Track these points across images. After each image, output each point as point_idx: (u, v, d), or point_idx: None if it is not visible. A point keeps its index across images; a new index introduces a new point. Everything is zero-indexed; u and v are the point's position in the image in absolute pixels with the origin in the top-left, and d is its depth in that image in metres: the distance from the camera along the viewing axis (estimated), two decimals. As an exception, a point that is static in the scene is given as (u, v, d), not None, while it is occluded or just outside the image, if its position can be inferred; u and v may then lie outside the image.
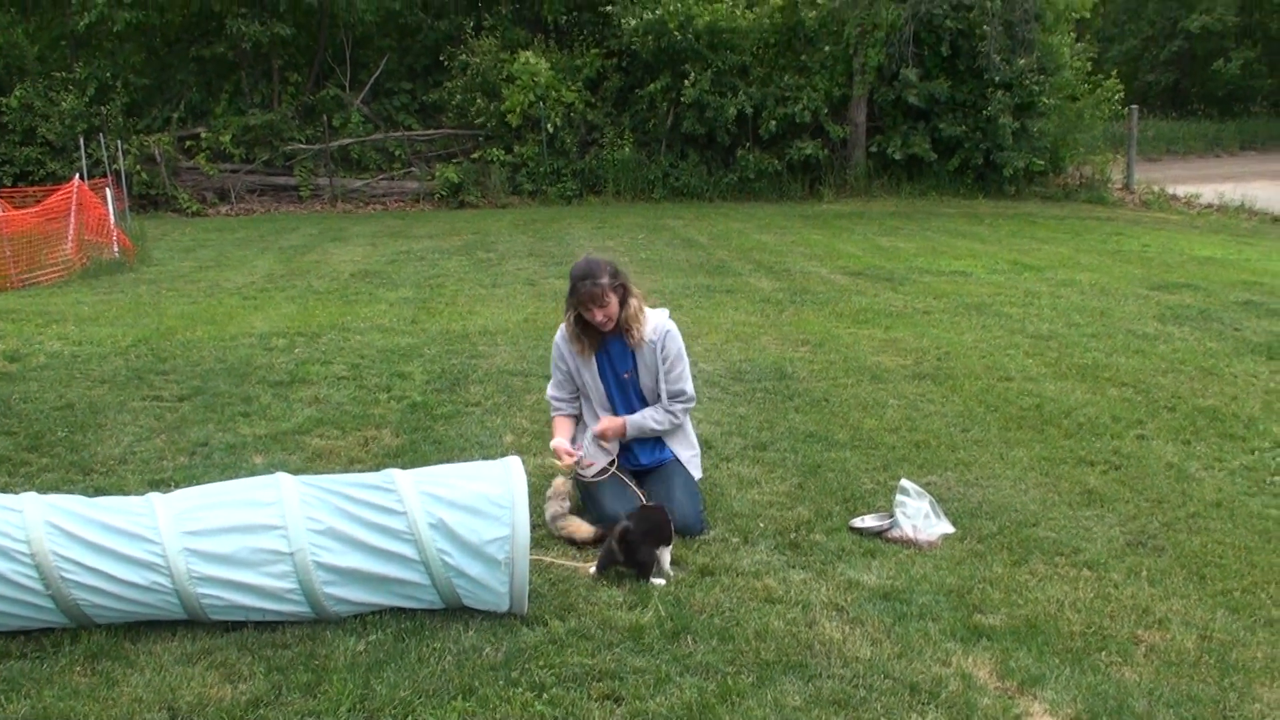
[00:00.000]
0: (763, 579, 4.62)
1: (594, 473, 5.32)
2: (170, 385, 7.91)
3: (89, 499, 4.34)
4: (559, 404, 5.56)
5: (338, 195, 23.46)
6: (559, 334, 5.48)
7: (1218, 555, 4.92)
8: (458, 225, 19.35)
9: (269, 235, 18.53)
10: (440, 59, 24.38)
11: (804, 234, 17.22)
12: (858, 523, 5.21)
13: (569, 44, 24.22)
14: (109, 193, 16.10)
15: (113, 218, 15.66)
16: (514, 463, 4.39)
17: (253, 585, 4.06)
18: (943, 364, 8.42)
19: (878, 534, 5.11)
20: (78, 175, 16.42)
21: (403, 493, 4.20)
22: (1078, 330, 9.63)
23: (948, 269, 13.37)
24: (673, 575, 4.64)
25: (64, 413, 7.19)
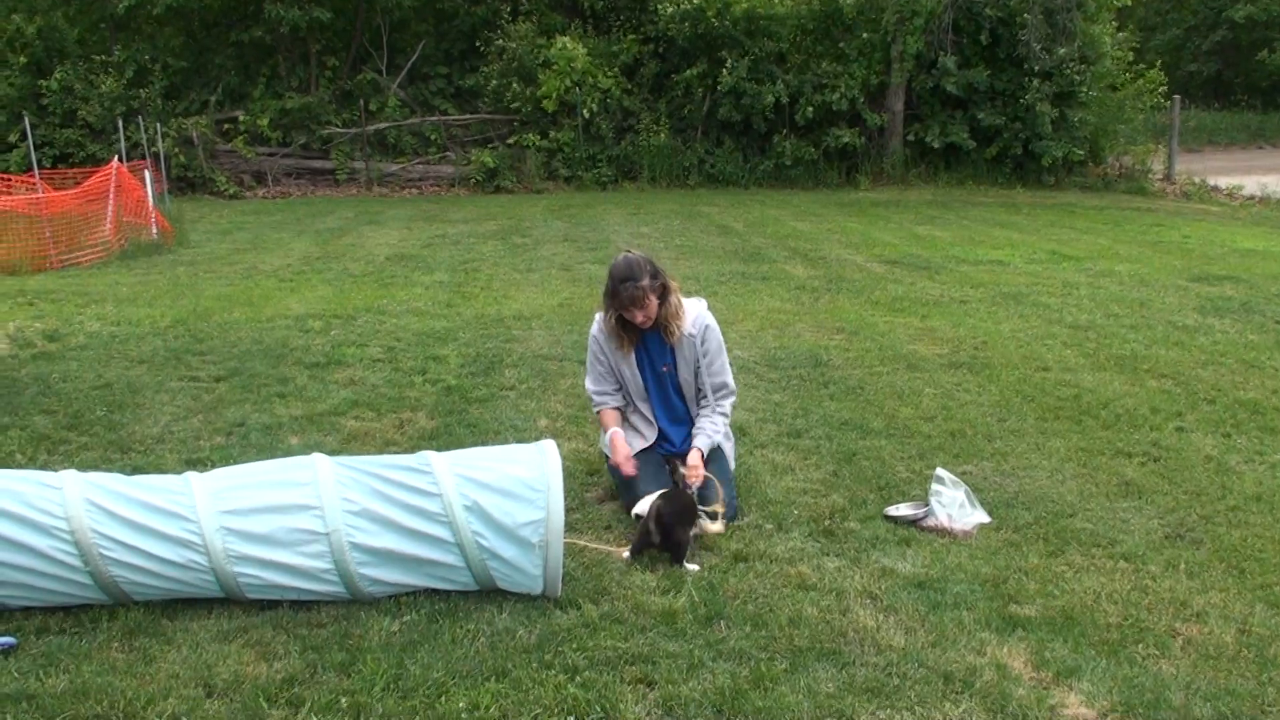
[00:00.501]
0: (797, 566, 4.60)
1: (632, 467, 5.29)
2: (207, 366, 7.96)
3: (127, 477, 4.38)
4: (603, 398, 5.47)
5: (373, 179, 23.55)
6: (595, 327, 5.42)
7: (1257, 549, 4.85)
8: (493, 210, 19.39)
9: (305, 218, 18.63)
10: (477, 44, 24.41)
11: (840, 222, 17.14)
12: (892, 511, 5.18)
13: (606, 29, 24.20)
14: (147, 175, 16.23)
15: (151, 200, 15.79)
16: (549, 446, 4.39)
17: (288, 565, 4.08)
18: (979, 353, 8.36)
19: (912, 523, 5.08)
20: (117, 157, 16.53)
21: (438, 475, 4.21)
22: (1116, 321, 9.54)
23: (985, 258, 13.27)
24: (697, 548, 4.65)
25: (102, 392, 7.25)
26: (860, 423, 6.60)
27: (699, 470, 5.06)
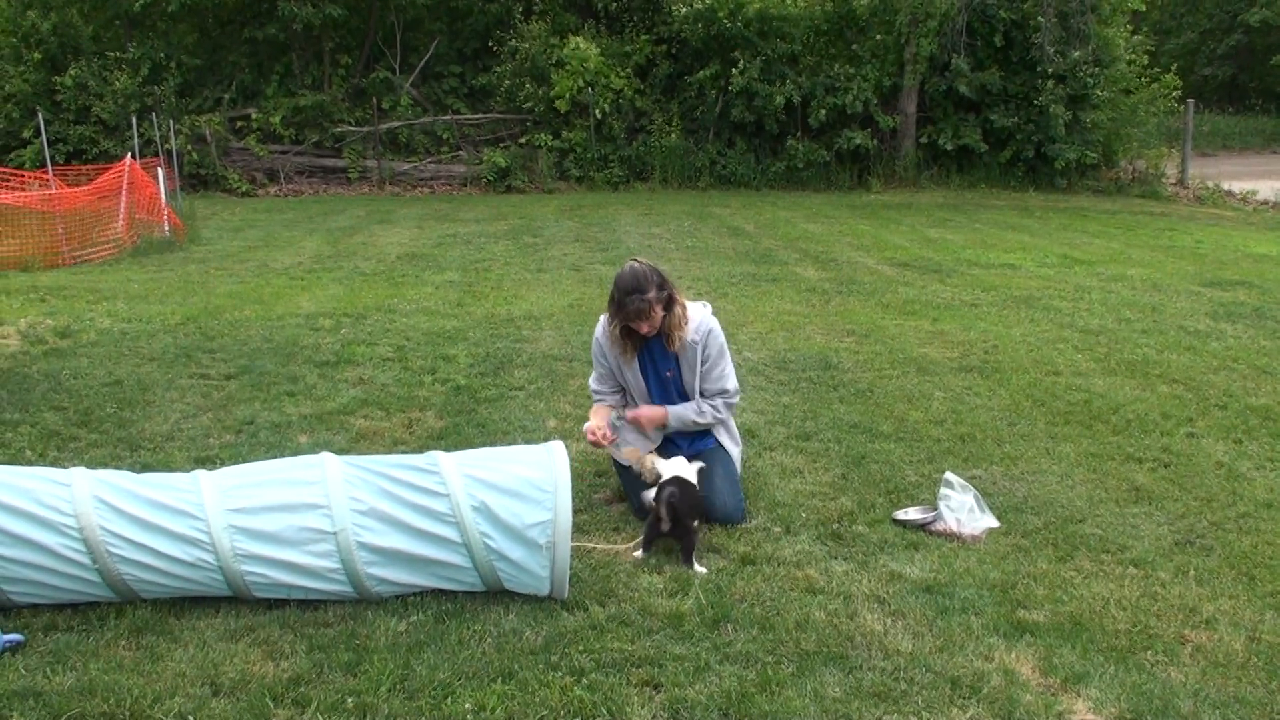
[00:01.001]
0: (804, 569, 4.59)
1: (626, 454, 5.28)
2: (218, 364, 7.98)
3: (136, 475, 4.39)
4: (601, 395, 5.51)
5: (385, 178, 23.58)
6: (599, 330, 5.41)
7: (1268, 556, 4.83)
8: (504, 210, 19.40)
9: (317, 216, 18.66)
10: (490, 43, 24.43)
11: (851, 224, 17.12)
12: (901, 515, 5.18)
13: (619, 30, 24.19)
14: (160, 172, 16.27)
15: (163, 197, 15.84)
16: (557, 447, 4.39)
17: (296, 564, 4.08)
18: (990, 357, 8.34)
19: (921, 527, 5.07)
20: (130, 154, 16.59)
21: (446, 475, 4.21)
22: (1128, 326, 9.51)
23: (997, 262, 13.24)
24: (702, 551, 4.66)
25: (113, 389, 7.27)
26: (869, 426, 6.59)
27: (638, 417, 5.30)
